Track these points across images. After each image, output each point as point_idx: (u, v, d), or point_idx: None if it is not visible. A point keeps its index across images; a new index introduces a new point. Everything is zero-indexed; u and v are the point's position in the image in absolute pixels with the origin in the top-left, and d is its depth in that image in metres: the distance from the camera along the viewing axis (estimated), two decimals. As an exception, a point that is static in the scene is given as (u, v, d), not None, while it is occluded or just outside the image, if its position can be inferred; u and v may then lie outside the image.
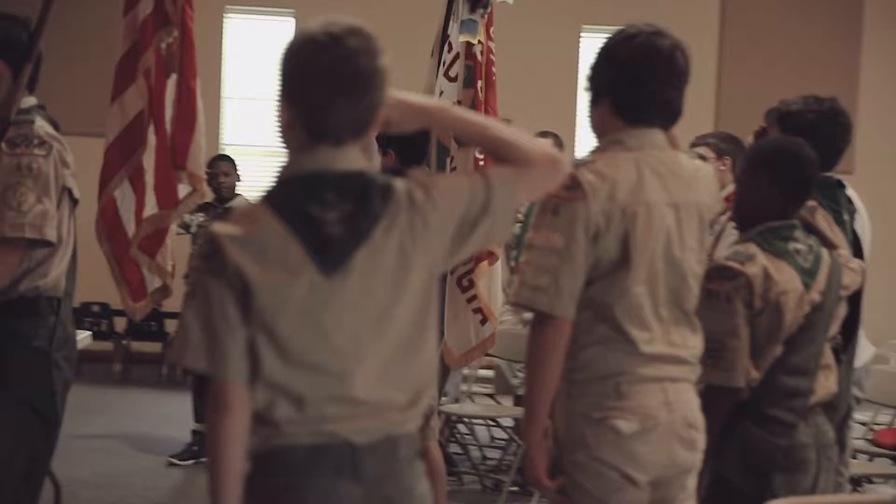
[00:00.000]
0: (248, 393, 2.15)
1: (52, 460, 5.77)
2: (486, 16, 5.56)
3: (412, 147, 4.79)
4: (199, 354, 2.16)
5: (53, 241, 3.60)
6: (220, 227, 2.16)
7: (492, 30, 5.67)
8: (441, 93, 5.49)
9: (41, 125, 3.66)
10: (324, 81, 2.16)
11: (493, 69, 5.66)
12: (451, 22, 5.59)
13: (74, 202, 3.78)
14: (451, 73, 5.54)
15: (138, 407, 9.24)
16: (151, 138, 4.98)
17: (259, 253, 2.13)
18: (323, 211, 2.15)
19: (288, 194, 2.19)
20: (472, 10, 5.55)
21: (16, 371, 3.63)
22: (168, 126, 5.04)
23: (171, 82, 4.99)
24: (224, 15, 11.42)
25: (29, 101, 3.75)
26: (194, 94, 4.94)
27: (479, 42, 5.53)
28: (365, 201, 2.18)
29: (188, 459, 7.16)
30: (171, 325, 10.42)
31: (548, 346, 2.82)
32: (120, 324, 10.73)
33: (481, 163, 5.26)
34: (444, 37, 5.61)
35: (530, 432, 2.88)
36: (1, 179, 3.55)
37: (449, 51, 5.54)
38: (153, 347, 10.79)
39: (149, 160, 5.00)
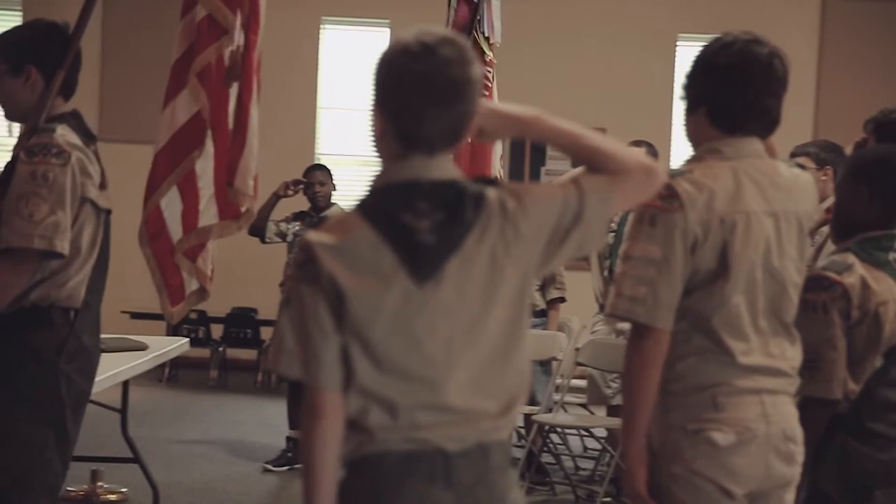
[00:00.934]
0: (342, 399, 2.16)
1: (151, 464, 5.92)
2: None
3: None
4: (293, 361, 2.18)
5: (65, 252, 3.49)
6: (314, 236, 2.18)
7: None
8: None
9: (62, 134, 3.56)
10: (417, 91, 2.16)
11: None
12: None
13: (107, 212, 3.70)
14: None
15: (234, 413, 9.36)
16: (209, 145, 4.87)
17: (352, 261, 2.15)
18: (415, 219, 2.16)
19: (381, 203, 2.19)
20: None
21: (26, 382, 3.53)
22: (230, 137, 4.91)
23: (233, 93, 4.87)
24: (321, 25, 11.55)
25: (62, 108, 3.68)
26: (247, 114, 4.81)
27: None
28: (457, 210, 2.18)
29: (283, 466, 7.24)
30: (266, 333, 10.55)
31: (646, 357, 2.79)
32: (216, 331, 10.89)
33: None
34: None
35: (629, 444, 2.85)
36: (16, 188, 3.46)
37: None
38: (248, 354, 10.94)
39: (204, 167, 4.89)
